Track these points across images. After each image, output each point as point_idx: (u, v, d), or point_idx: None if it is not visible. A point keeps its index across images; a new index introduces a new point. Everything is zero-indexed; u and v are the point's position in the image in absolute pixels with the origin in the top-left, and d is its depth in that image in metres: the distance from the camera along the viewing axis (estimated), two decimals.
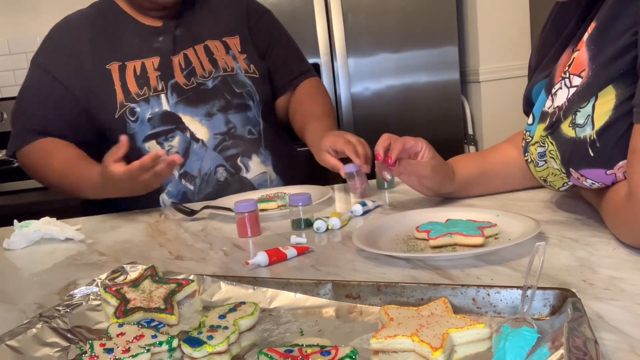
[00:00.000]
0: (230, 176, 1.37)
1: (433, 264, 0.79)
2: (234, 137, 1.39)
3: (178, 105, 1.36)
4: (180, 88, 1.37)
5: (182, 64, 1.40)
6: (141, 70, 1.37)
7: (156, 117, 1.35)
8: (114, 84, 1.35)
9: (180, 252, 0.98)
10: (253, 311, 0.63)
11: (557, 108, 0.83)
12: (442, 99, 2.83)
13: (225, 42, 1.45)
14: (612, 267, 0.72)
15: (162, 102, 1.35)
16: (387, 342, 0.54)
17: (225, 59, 1.42)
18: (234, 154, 1.38)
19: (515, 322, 0.55)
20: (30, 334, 0.63)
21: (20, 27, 3.25)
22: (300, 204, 1.04)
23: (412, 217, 0.97)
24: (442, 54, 2.79)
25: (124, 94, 1.35)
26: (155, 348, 0.59)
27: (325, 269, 0.82)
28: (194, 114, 1.36)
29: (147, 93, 1.35)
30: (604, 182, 0.81)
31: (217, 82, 1.40)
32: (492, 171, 1.12)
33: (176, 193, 1.35)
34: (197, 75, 1.39)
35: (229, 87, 1.41)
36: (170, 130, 1.35)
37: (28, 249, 1.11)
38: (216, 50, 1.43)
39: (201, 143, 1.35)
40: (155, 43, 1.41)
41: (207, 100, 1.38)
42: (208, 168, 1.35)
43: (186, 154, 1.35)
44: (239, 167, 1.38)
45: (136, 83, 1.35)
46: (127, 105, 1.34)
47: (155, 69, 1.38)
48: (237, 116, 1.40)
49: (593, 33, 0.78)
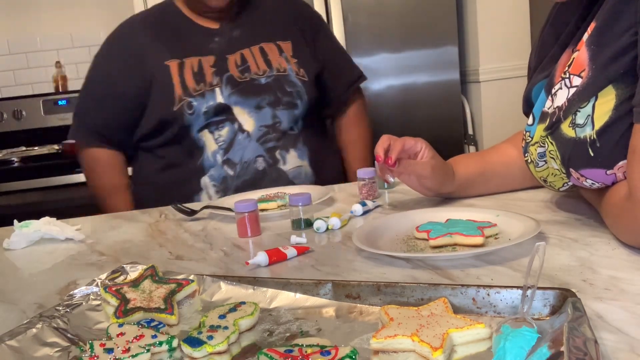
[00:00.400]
0: (268, 166, 1.47)
1: (433, 264, 0.79)
2: (277, 131, 1.49)
3: (232, 97, 1.46)
4: (234, 80, 1.48)
5: (238, 62, 1.50)
6: (198, 67, 1.47)
7: (210, 109, 1.45)
8: (173, 79, 1.45)
9: (180, 252, 0.98)
10: (253, 311, 0.63)
11: (557, 108, 0.83)
12: (442, 99, 2.83)
13: (279, 45, 1.55)
14: (612, 267, 0.72)
15: (216, 96, 1.45)
16: (387, 342, 0.54)
17: (279, 61, 1.53)
18: (274, 147, 1.48)
19: (515, 322, 0.55)
20: (30, 334, 0.63)
21: (20, 27, 3.26)
22: (300, 204, 1.04)
23: (412, 217, 0.97)
24: (442, 54, 2.79)
25: (182, 89, 1.45)
26: (155, 348, 0.59)
27: (325, 269, 0.82)
28: (245, 105, 1.46)
29: (204, 88, 1.45)
30: (604, 182, 0.81)
31: (270, 80, 1.50)
32: (492, 171, 1.12)
33: (217, 177, 1.46)
34: (252, 72, 1.50)
35: (281, 86, 1.51)
36: (221, 121, 1.46)
37: (28, 249, 1.11)
38: (270, 52, 1.54)
39: (246, 134, 1.46)
40: (212, 43, 1.51)
41: (259, 94, 1.48)
42: (249, 157, 1.46)
43: (231, 143, 1.46)
44: (277, 159, 1.48)
45: (194, 79, 1.46)
46: (185, 100, 1.44)
47: (211, 66, 1.48)
48: (284, 112, 1.50)
49: (593, 33, 0.78)
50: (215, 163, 1.46)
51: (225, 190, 1.45)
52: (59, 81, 3.22)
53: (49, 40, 3.26)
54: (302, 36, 1.59)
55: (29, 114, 3.12)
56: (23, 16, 3.24)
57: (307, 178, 1.52)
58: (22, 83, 3.28)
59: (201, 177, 1.46)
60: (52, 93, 3.18)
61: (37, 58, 3.27)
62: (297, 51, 1.56)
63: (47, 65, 3.27)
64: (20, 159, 2.72)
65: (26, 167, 2.64)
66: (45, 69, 3.28)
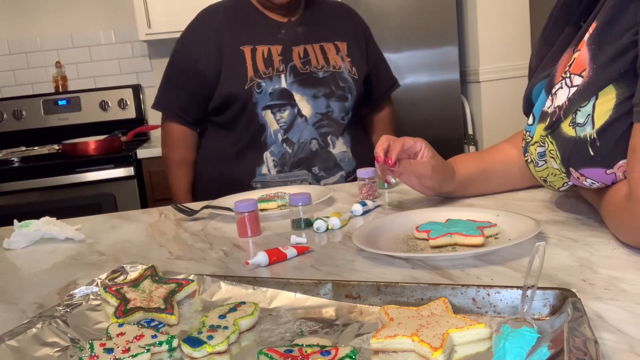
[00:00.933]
0: (320, 148, 1.68)
1: (433, 264, 0.79)
2: (330, 118, 1.69)
3: (293, 85, 1.66)
4: (296, 70, 1.68)
5: (301, 55, 1.70)
6: (268, 53, 1.68)
7: (276, 92, 1.65)
8: (246, 62, 1.66)
9: (180, 252, 0.98)
10: (253, 311, 0.63)
11: (558, 107, 0.83)
12: (442, 99, 2.83)
13: (336, 45, 1.77)
14: (612, 267, 0.72)
15: (281, 81, 1.66)
16: (387, 342, 0.54)
17: (335, 59, 1.74)
18: (326, 132, 1.69)
19: (515, 322, 0.55)
20: (30, 334, 0.63)
21: (20, 27, 3.26)
22: (300, 203, 1.04)
23: (412, 217, 0.97)
24: (442, 54, 2.79)
25: (254, 71, 1.65)
26: (155, 348, 0.59)
27: (325, 269, 0.82)
28: (304, 93, 1.67)
29: (272, 72, 1.66)
30: (604, 181, 0.81)
31: (326, 74, 1.71)
32: (492, 170, 1.12)
33: (277, 153, 1.65)
34: (312, 65, 1.70)
35: (335, 81, 1.72)
36: (283, 104, 1.66)
37: (28, 249, 1.11)
38: (329, 51, 1.75)
39: (304, 119, 1.67)
40: (280, 35, 1.71)
41: (316, 86, 1.68)
42: (305, 138, 1.67)
43: (291, 125, 1.67)
44: (328, 142, 1.69)
45: (264, 63, 1.66)
46: (255, 80, 1.65)
47: (279, 54, 1.68)
48: (336, 104, 1.70)
49: (594, 33, 0.78)
50: (276, 140, 1.66)
51: (282, 165, 1.65)
52: (59, 81, 3.22)
53: (49, 40, 3.26)
54: (355, 40, 1.81)
55: (29, 114, 3.12)
56: (23, 16, 3.24)
57: (350, 163, 1.70)
58: (22, 83, 3.28)
59: (264, 151, 1.66)
60: (52, 93, 3.19)
61: (37, 58, 3.27)
62: (351, 52, 1.77)
63: (47, 65, 3.27)
64: (20, 159, 2.73)
65: (26, 167, 2.64)
66: (45, 69, 3.28)
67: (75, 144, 2.72)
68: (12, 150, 2.95)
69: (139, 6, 2.88)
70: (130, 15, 3.06)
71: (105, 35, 3.31)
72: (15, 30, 3.24)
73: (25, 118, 3.11)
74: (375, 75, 1.89)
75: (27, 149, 2.97)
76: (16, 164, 2.69)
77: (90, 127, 3.12)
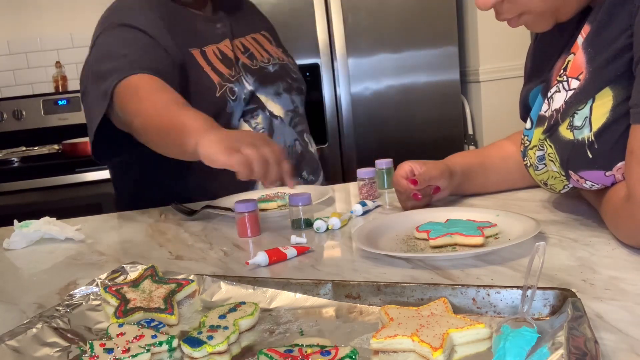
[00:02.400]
0: (304, 149, 1.47)
1: (433, 264, 0.79)
2: (298, 115, 1.50)
3: (255, 84, 1.41)
4: (249, 68, 1.43)
5: (241, 49, 1.46)
6: (220, 53, 1.39)
7: (247, 96, 1.39)
8: (203, 68, 1.35)
9: (180, 252, 0.98)
10: (253, 311, 0.63)
11: (555, 111, 0.83)
12: (442, 99, 2.83)
13: (265, 35, 1.54)
14: (612, 267, 0.72)
15: (244, 83, 1.39)
16: (387, 342, 0.54)
17: (273, 50, 1.53)
18: (301, 130, 1.49)
19: (515, 322, 0.55)
20: (30, 334, 0.63)
21: (20, 27, 3.25)
22: (300, 203, 1.04)
23: (412, 217, 0.97)
24: (442, 54, 2.79)
25: (218, 75, 1.35)
26: (155, 348, 0.59)
27: (325, 269, 0.82)
28: (267, 93, 1.44)
29: (237, 73, 1.39)
30: (604, 183, 0.81)
31: (277, 67, 1.49)
32: (491, 164, 1.12)
33: None
34: (257, 60, 1.47)
35: (287, 72, 1.51)
36: (254, 109, 1.41)
37: (28, 249, 1.11)
38: (264, 42, 1.53)
39: (280, 120, 1.43)
40: (217, 30, 1.43)
41: (273, 82, 1.46)
42: (290, 141, 1.45)
43: (271, 129, 1.42)
44: (306, 142, 1.50)
45: (224, 65, 1.37)
46: (225, 85, 1.35)
47: (231, 50, 1.42)
48: (297, 97, 1.52)
49: (588, 37, 0.79)
50: None
51: None
52: (59, 81, 3.22)
53: (49, 40, 3.26)
54: (271, 29, 1.61)
55: (29, 114, 3.12)
56: (23, 16, 3.24)
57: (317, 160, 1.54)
58: (22, 83, 3.28)
59: None
60: (52, 93, 3.18)
61: (37, 58, 3.27)
62: (277, 41, 1.58)
63: (47, 65, 3.27)
64: (20, 159, 2.72)
65: (26, 167, 2.63)
66: (45, 69, 3.28)
67: (75, 144, 2.71)
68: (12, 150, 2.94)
69: None
70: None
71: None
72: (15, 30, 3.24)
73: (25, 118, 3.11)
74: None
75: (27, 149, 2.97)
76: (16, 164, 2.69)
77: None
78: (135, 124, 1.16)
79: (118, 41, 1.29)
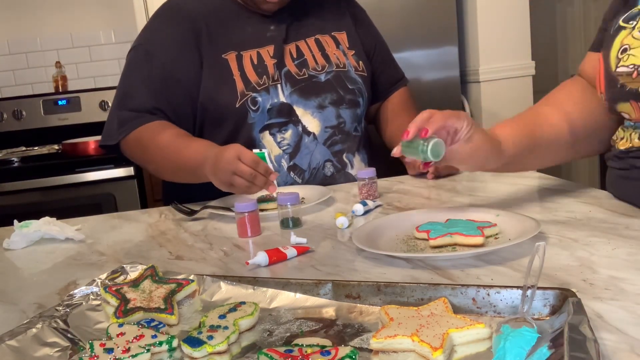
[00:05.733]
0: (336, 171, 1.38)
1: (433, 264, 0.79)
2: (343, 132, 1.39)
3: (292, 96, 1.36)
4: (292, 77, 1.37)
5: (294, 54, 1.39)
6: (258, 59, 1.36)
7: (274, 108, 1.34)
8: (233, 74, 1.33)
9: (180, 252, 0.98)
10: (253, 311, 0.63)
11: None
12: (442, 99, 2.82)
13: (335, 37, 1.45)
14: (612, 267, 0.72)
15: (278, 93, 1.34)
16: (387, 342, 0.54)
17: (337, 54, 1.43)
18: (340, 149, 1.39)
19: (515, 322, 0.55)
20: (30, 334, 0.63)
21: (20, 27, 3.26)
22: (289, 203, 1.04)
23: (412, 217, 0.97)
24: (442, 53, 2.78)
25: (244, 83, 1.33)
26: (155, 348, 0.59)
27: (325, 269, 0.82)
28: (307, 106, 1.36)
29: (267, 82, 1.34)
30: None
31: (329, 76, 1.40)
32: (542, 147, 1.03)
33: (283, 185, 1.34)
34: (310, 67, 1.39)
35: (342, 83, 1.41)
36: (284, 123, 1.35)
37: (28, 249, 1.11)
38: (327, 45, 1.43)
39: (312, 136, 1.36)
40: (268, 32, 1.39)
41: (320, 93, 1.37)
42: (317, 162, 1.36)
43: (297, 147, 1.35)
44: (345, 162, 1.39)
45: (255, 72, 1.34)
46: (248, 95, 1.32)
47: (271, 57, 1.36)
48: (347, 112, 1.40)
49: None
50: (280, 169, 1.34)
51: None
52: (59, 81, 3.22)
53: (49, 40, 3.26)
54: (354, 26, 1.49)
55: (29, 114, 3.12)
56: (23, 16, 3.24)
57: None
58: (22, 83, 3.28)
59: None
60: (52, 93, 3.18)
61: (37, 58, 3.27)
62: (353, 41, 1.47)
63: (47, 65, 3.27)
64: (20, 159, 2.72)
65: (26, 167, 2.63)
66: (45, 69, 3.28)
67: (75, 144, 2.71)
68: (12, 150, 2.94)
69: (139, 6, 2.88)
70: (130, 15, 3.05)
71: (105, 35, 3.31)
72: (15, 30, 3.24)
73: (25, 118, 3.10)
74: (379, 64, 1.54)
75: (27, 149, 2.97)
76: (16, 164, 2.69)
77: (90, 127, 3.12)
78: (149, 170, 1.40)
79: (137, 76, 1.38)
